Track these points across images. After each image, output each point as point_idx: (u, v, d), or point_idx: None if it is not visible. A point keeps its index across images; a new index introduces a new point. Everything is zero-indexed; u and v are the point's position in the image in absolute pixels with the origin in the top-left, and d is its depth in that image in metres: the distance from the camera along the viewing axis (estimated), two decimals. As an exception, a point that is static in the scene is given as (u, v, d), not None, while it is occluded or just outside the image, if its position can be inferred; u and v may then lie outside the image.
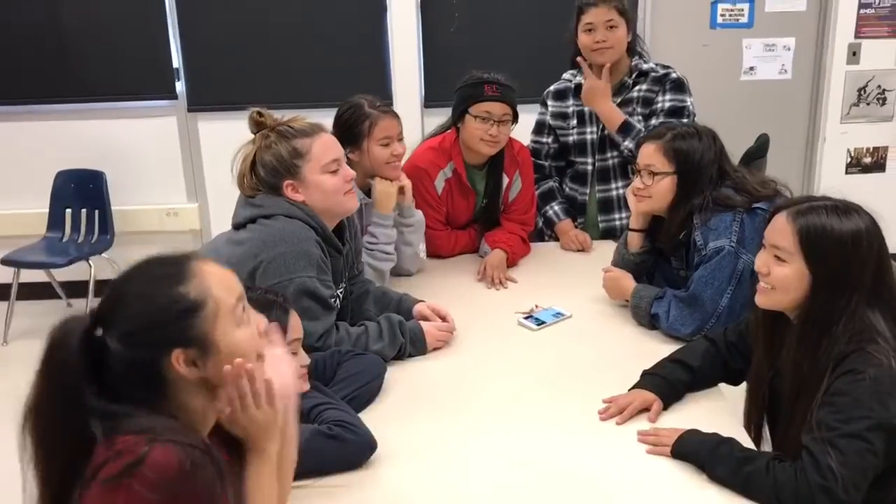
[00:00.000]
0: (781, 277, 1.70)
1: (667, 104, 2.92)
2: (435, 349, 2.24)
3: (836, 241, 1.65)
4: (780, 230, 1.71)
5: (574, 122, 3.05)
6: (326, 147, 2.16)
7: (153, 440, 1.13)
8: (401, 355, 2.19)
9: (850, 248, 1.64)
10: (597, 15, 2.90)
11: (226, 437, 1.32)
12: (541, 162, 3.14)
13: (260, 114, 2.19)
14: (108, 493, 1.11)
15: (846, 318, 1.63)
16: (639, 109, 2.95)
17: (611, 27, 2.89)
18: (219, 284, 1.27)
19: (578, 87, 3.01)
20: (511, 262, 2.88)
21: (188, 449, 1.14)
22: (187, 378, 1.23)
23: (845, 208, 1.70)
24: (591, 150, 3.03)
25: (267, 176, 2.14)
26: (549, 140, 3.12)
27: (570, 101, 3.07)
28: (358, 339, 2.14)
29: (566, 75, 3.13)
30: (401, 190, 2.66)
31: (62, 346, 1.18)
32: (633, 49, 3.01)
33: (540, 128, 3.15)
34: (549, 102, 3.12)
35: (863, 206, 1.73)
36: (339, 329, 2.13)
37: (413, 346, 2.22)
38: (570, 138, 3.07)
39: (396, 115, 2.69)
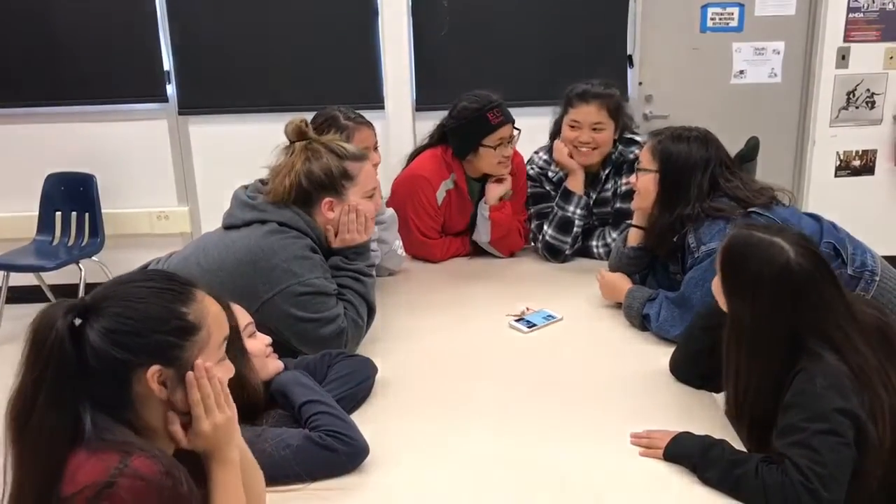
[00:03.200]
0: (714, 285, 1.84)
1: (622, 187, 2.89)
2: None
3: (741, 274, 1.73)
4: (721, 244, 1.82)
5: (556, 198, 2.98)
6: (370, 175, 2.28)
7: (128, 455, 1.13)
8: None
9: (752, 285, 1.70)
10: (584, 114, 2.81)
11: (185, 454, 1.30)
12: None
13: (306, 123, 2.25)
14: None
15: (765, 360, 1.70)
16: (615, 200, 2.92)
17: (597, 129, 2.81)
18: (215, 318, 1.28)
19: (557, 182, 2.95)
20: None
21: (164, 466, 1.14)
22: (153, 396, 1.21)
23: (777, 245, 1.71)
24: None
25: (309, 186, 2.18)
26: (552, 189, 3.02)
27: (550, 187, 3.00)
28: (360, 301, 2.22)
29: (540, 161, 3.01)
30: None
31: (50, 328, 1.15)
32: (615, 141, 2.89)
33: (540, 196, 3.03)
34: (533, 182, 3.03)
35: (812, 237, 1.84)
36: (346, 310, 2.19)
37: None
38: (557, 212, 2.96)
39: (371, 126, 2.72)
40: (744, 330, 1.72)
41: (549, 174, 2.98)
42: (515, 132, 2.86)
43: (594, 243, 2.98)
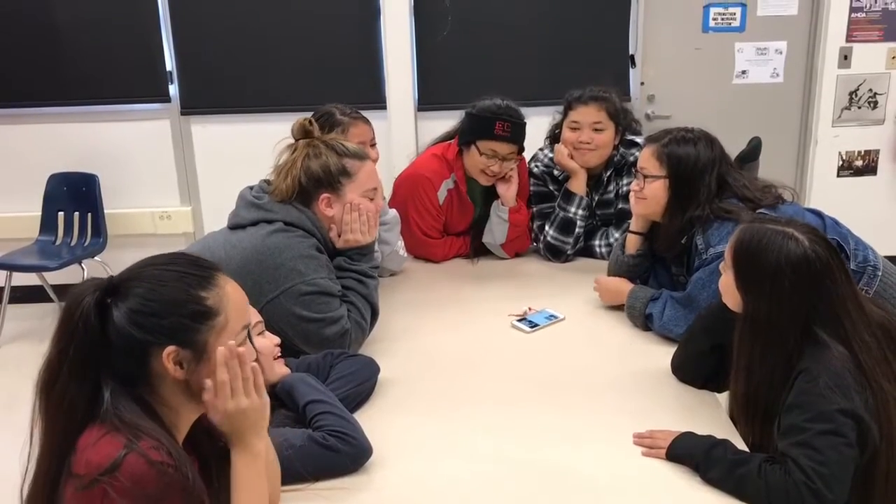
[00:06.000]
0: (722, 284, 1.83)
1: (624, 188, 2.91)
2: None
3: (759, 267, 1.71)
4: (731, 238, 1.80)
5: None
6: (370, 175, 2.26)
7: (135, 440, 1.15)
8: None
9: (773, 276, 1.68)
10: (584, 115, 2.84)
11: (197, 447, 1.33)
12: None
13: (310, 122, 2.26)
14: (84, 496, 1.13)
15: (779, 351, 1.68)
16: (618, 202, 2.94)
17: (597, 129, 2.83)
18: (235, 305, 1.30)
19: (562, 181, 2.96)
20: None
21: (168, 457, 1.16)
22: (171, 376, 1.24)
23: (790, 236, 1.70)
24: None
25: (307, 183, 2.18)
26: (555, 189, 3.03)
27: (555, 186, 3.00)
28: (363, 303, 2.21)
29: (545, 159, 3.02)
30: None
31: (78, 304, 1.21)
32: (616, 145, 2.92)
33: (543, 196, 3.03)
34: (536, 181, 3.04)
35: (820, 229, 1.80)
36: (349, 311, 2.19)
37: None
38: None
39: (368, 121, 2.72)
40: (760, 323, 1.71)
41: (555, 172, 2.99)
42: (515, 156, 2.83)
43: (597, 243, 2.98)
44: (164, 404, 1.27)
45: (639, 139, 2.92)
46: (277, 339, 1.85)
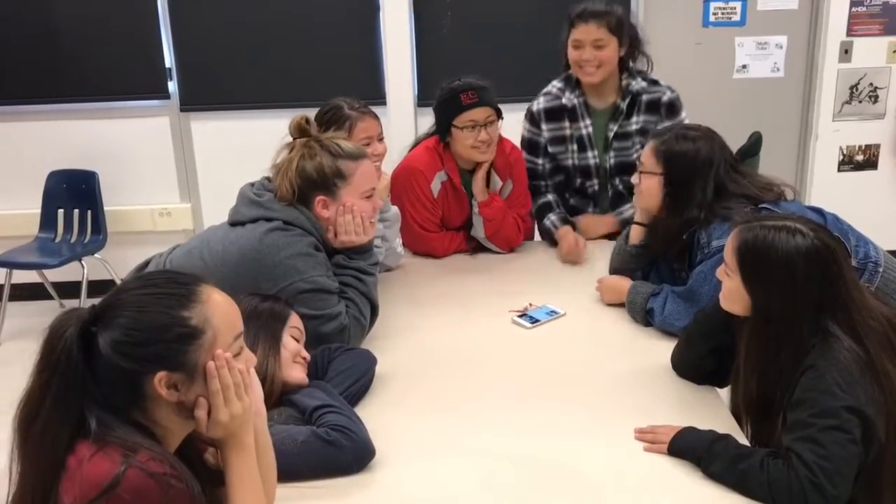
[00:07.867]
0: (726, 290, 1.80)
1: (646, 125, 2.91)
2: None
3: (770, 263, 1.69)
4: (728, 244, 1.78)
5: (575, 146, 2.99)
6: (366, 175, 2.24)
7: (132, 453, 1.14)
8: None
9: (786, 269, 1.67)
10: (585, 32, 2.84)
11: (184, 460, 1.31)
12: (536, 182, 3.06)
13: (307, 121, 2.24)
14: None
15: (792, 345, 1.67)
16: (638, 140, 2.92)
17: (599, 46, 2.84)
18: (222, 317, 1.27)
19: (573, 109, 2.96)
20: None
21: (166, 466, 1.15)
22: (165, 399, 1.23)
23: (793, 230, 1.69)
24: (595, 173, 3.00)
25: (303, 184, 2.18)
26: (545, 161, 3.06)
27: (567, 124, 3.00)
28: (362, 300, 2.21)
29: (554, 89, 3.04)
30: None
31: (60, 337, 1.18)
32: (625, 65, 2.93)
33: (533, 148, 3.06)
34: (544, 126, 3.01)
35: (823, 226, 1.77)
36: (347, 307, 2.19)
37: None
38: (571, 162, 3.02)
39: (375, 116, 2.70)
40: (774, 320, 1.69)
41: (564, 101, 2.97)
42: (496, 119, 2.81)
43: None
44: (157, 424, 1.25)
45: (662, 82, 2.95)
46: (307, 354, 1.88)
